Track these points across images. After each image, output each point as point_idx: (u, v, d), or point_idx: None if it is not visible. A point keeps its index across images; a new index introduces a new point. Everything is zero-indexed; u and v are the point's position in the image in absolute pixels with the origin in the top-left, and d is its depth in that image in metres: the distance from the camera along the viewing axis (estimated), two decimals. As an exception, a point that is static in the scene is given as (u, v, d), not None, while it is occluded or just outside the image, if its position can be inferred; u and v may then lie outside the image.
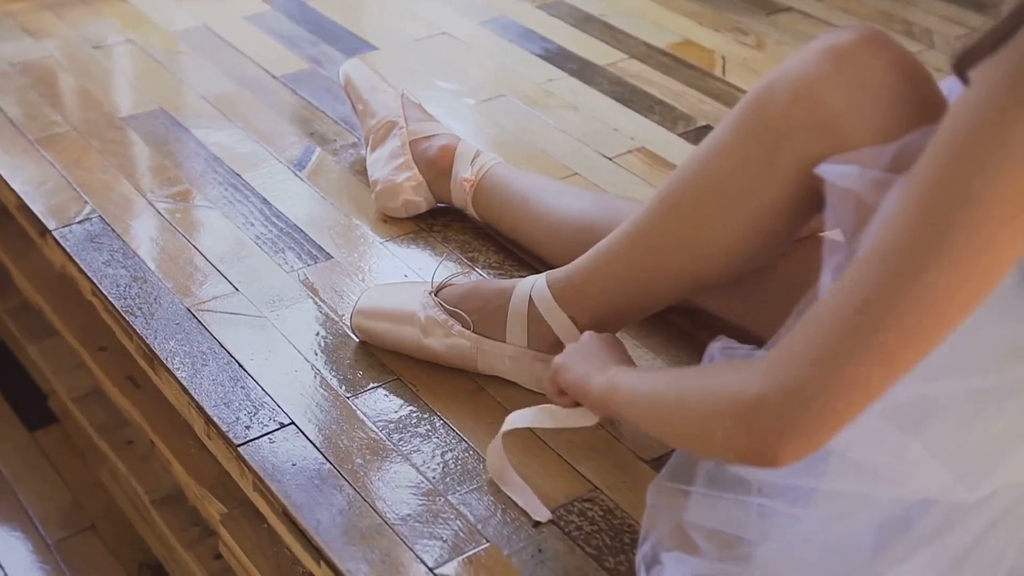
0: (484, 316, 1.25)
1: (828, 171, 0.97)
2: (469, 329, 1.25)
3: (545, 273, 1.23)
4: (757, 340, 1.08)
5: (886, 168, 0.93)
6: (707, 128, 1.74)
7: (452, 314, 1.25)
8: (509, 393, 1.25)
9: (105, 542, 1.64)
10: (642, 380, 1.03)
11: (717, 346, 1.01)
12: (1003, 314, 0.87)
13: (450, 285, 1.29)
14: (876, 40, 0.99)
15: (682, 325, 1.34)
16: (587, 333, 1.16)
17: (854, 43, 0.99)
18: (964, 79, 0.96)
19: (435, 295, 1.27)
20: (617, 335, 1.19)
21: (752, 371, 0.86)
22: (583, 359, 1.11)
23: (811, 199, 1.05)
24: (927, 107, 0.96)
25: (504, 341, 1.24)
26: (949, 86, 1.01)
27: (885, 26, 2.05)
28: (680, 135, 1.73)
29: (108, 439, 1.64)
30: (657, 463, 1.19)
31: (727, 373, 0.91)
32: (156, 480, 1.56)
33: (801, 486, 0.99)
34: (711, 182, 1.09)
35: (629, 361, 1.13)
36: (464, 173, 1.48)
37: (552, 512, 1.13)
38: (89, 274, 1.41)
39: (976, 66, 0.93)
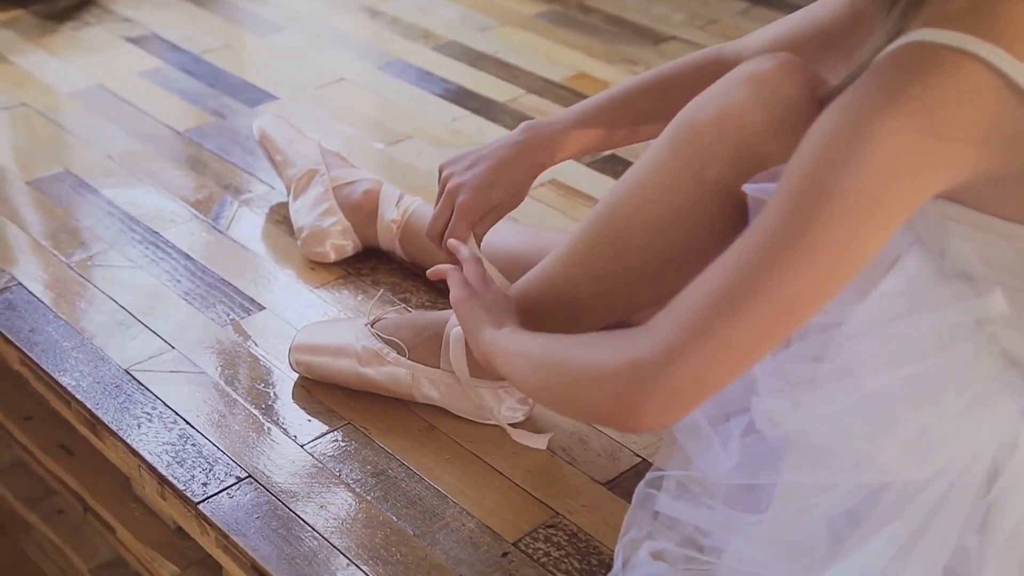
0: (419, 344, 1.27)
1: (752, 188, 1.05)
2: (405, 356, 1.27)
3: None
4: None
5: None
6: (613, 158, 1.80)
7: (388, 342, 1.27)
8: (461, 429, 1.27)
9: (38, 617, 1.60)
10: (532, 340, 1.03)
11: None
12: (929, 305, 0.96)
13: (385, 317, 1.31)
14: (791, 65, 1.07)
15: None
16: (500, 290, 1.15)
17: (772, 69, 1.06)
18: None
19: (371, 326, 1.30)
20: None
21: (632, 338, 0.90)
22: (484, 309, 1.10)
23: (737, 216, 1.11)
24: None
25: (439, 368, 1.26)
26: None
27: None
28: (588, 166, 1.78)
29: (37, 510, 1.61)
30: (612, 484, 1.22)
31: (612, 338, 0.94)
32: (92, 548, 1.53)
33: (763, 485, 1.05)
34: (643, 204, 1.14)
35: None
36: (390, 215, 1.50)
37: (518, 540, 1.15)
38: (17, 343, 1.39)
39: None
